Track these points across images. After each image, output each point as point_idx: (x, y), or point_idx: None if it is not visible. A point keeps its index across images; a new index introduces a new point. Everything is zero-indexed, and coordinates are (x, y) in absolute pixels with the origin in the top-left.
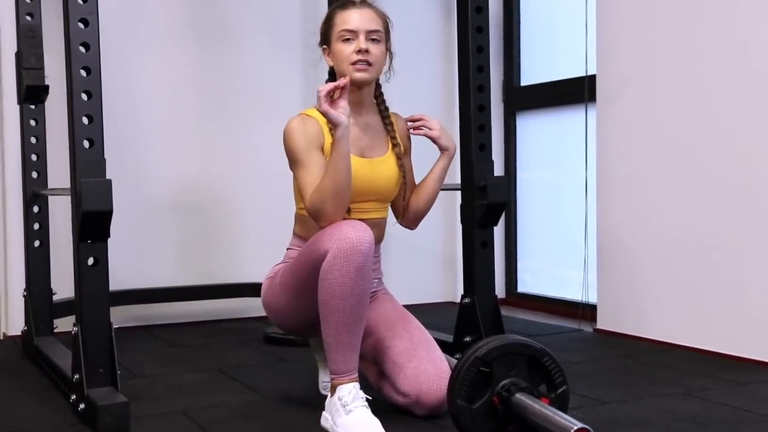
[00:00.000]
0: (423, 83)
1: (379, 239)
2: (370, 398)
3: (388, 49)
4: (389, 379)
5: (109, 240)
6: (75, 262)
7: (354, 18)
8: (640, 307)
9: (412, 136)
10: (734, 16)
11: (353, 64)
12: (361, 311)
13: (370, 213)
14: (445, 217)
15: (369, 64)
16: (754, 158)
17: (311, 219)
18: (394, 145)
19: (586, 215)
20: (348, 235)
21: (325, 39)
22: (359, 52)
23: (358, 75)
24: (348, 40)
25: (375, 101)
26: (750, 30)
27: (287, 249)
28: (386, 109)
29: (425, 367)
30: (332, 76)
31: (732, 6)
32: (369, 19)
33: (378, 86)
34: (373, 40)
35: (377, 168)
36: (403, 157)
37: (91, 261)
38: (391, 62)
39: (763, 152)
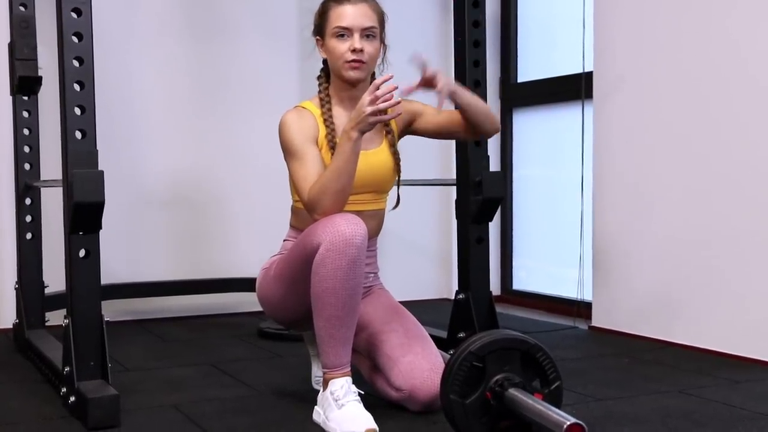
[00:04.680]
0: (419, 77)
1: (375, 231)
2: (363, 393)
3: (382, 41)
4: (383, 373)
5: (101, 233)
6: (66, 253)
7: (349, 14)
8: (635, 304)
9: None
10: (730, 14)
11: (347, 62)
12: (354, 305)
13: (367, 205)
14: (440, 213)
15: (363, 62)
16: (750, 155)
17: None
18: (387, 133)
19: (582, 212)
20: (341, 228)
21: (319, 31)
22: (354, 51)
23: (352, 74)
24: (342, 36)
25: None
26: (745, 28)
27: (284, 240)
28: None
29: (419, 362)
30: (326, 66)
31: (728, 4)
32: (363, 15)
33: (372, 76)
34: (367, 36)
35: (372, 160)
36: (418, 120)
37: (82, 253)
38: (384, 54)
39: (759, 150)
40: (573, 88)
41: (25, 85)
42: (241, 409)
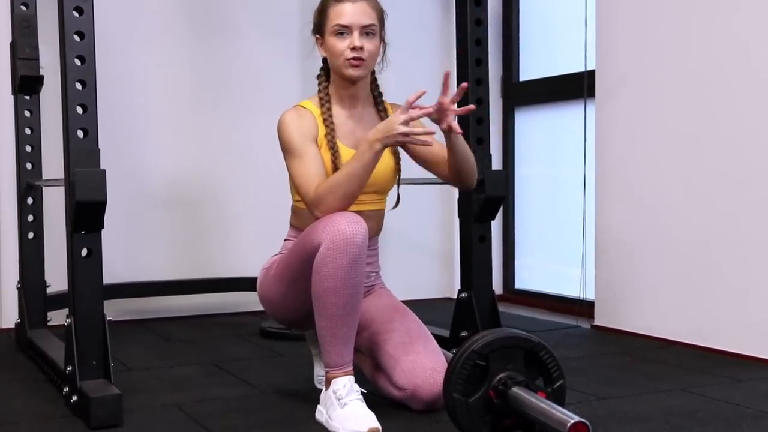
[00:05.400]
0: (421, 75)
1: (376, 231)
2: (366, 392)
3: (382, 39)
4: (385, 372)
5: (103, 232)
6: (68, 252)
7: (348, 12)
8: (638, 303)
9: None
10: (733, 12)
11: (347, 60)
12: (355, 304)
13: (367, 205)
14: (442, 212)
15: (362, 60)
16: (753, 154)
17: (307, 211)
18: None
19: (585, 211)
20: (341, 227)
21: (319, 29)
22: (353, 49)
23: (352, 72)
24: (342, 34)
25: (370, 90)
26: (749, 26)
27: (284, 240)
28: (380, 95)
29: (422, 361)
30: (326, 65)
31: (732, 2)
32: (363, 13)
33: (372, 74)
34: (367, 34)
35: None
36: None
37: (84, 252)
38: (384, 52)
39: (762, 148)
40: (575, 87)
41: (27, 85)
42: (244, 409)
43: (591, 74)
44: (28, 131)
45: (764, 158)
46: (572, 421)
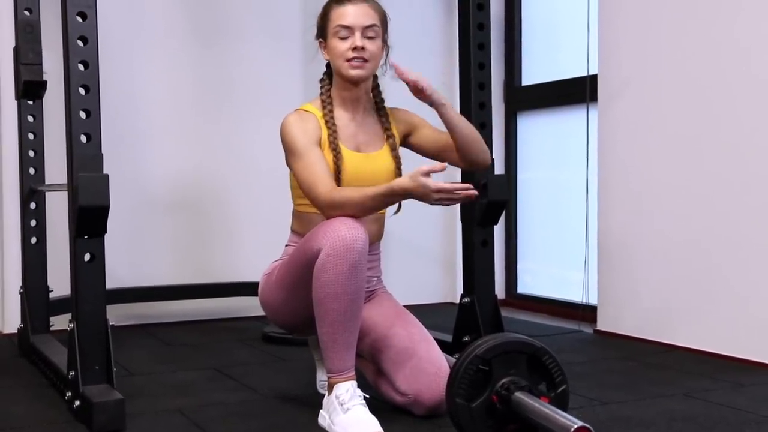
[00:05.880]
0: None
1: (378, 236)
2: (368, 397)
3: (384, 42)
4: (388, 377)
5: (106, 237)
6: (71, 257)
7: (350, 13)
8: (640, 308)
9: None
10: (735, 17)
11: (348, 60)
12: (356, 309)
13: None
14: (444, 217)
15: (365, 60)
16: (755, 159)
17: (308, 215)
18: (389, 137)
19: (587, 216)
20: (341, 233)
21: (321, 33)
22: (355, 49)
23: (353, 72)
24: (344, 35)
25: (372, 96)
26: (751, 32)
27: (286, 245)
28: (382, 101)
29: (424, 367)
30: (329, 69)
31: (733, 8)
32: (365, 14)
33: (374, 79)
34: (369, 36)
35: (373, 163)
36: (415, 133)
37: (87, 257)
38: (387, 56)
39: (763, 152)
40: (577, 91)
41: (30, 90)
42: (246, 413)
43: (593, 79)
44: (31, 136)
45: (766, 162)
46: (575, 426)
